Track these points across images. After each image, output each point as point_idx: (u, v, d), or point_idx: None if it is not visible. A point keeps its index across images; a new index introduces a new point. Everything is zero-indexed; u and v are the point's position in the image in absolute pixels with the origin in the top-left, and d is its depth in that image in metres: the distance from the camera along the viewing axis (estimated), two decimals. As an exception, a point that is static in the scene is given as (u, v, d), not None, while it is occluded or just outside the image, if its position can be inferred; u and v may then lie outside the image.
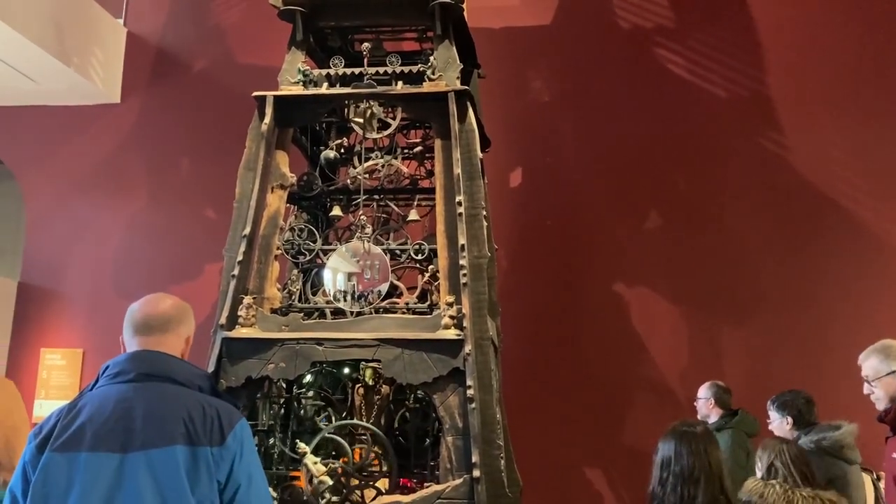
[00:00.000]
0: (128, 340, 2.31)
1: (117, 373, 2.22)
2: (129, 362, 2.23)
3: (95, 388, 2.24)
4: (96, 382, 2.26)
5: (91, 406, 2.16)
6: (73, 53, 7.35)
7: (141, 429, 2.10)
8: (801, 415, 4.21)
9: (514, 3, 7.41)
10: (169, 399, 2.17)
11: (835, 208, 6.70)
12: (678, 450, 2.87)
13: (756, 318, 6.66)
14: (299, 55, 5.11)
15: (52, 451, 2.09)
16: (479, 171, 4.79)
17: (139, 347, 2.29)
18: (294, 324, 4.59)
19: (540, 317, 6.81)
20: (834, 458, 4.02)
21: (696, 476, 2.80)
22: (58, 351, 7.46)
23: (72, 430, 2.11)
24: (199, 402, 2.18)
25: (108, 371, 2.25)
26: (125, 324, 2.33)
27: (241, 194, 4.89)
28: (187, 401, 2.17)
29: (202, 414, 2.15)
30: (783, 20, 7.03)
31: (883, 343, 3.48)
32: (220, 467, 2.11)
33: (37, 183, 7.94)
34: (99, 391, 2.22)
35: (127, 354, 2.26)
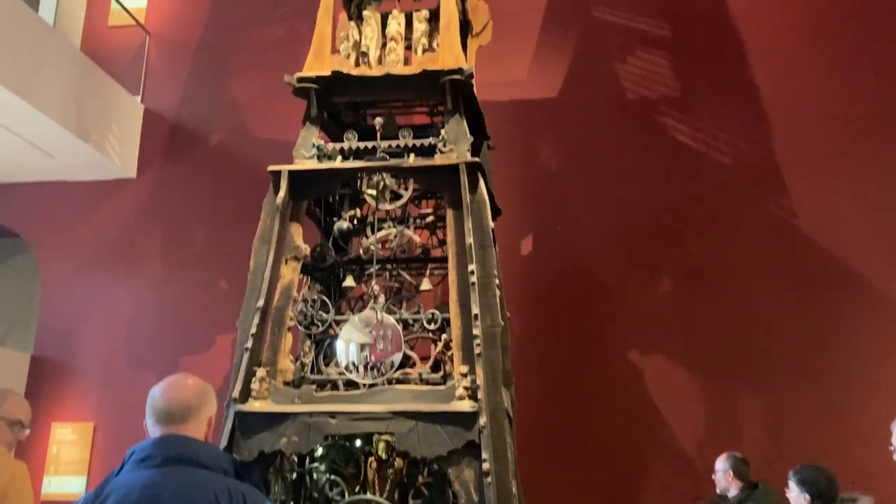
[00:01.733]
0: (151, 427, 2.31)
1: (143, 458, 2.21)
2: (155, 447, 2.22)
3: (121, 474, 2.23)
4: (122, 468, 2.24)
5: (118, 492, 2.14)
6: (91, 130, 7.53)
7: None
8: (821, 495, 4.10)
9: (522, 77, 7.58)
10: (196, 483, 2.16)
11: (847, 272, 6.68)
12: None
13: (773, 384, 6.58)
14: (314, 130, 5.22)
15: None
16: (490, 241, 4.84)
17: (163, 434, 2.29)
18: (307, 396, 4.57)
19: (554, 386, 6.74)
20: None
21: None
22: (69, 425, 7.40)
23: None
24: (225, 486, 2.17)
25: (133, 456, 2.24)
26: (147, 410, 2.33)
27: (255, 266, 4.94)
28: (214, 484, 2.16)
29: (228, 497, 2.13)
30: (787, 89, 7.15)
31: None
32: None
33: (52, 256, 8.03)
34: (125, 477, 2.20)
35: (152, 439, 2.26)
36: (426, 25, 5.48)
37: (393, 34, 5.42)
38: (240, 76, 8.20)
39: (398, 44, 5.41)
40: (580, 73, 7.52)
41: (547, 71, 7.55)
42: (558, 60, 7.55)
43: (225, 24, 8.37)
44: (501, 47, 6.66)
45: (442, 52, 5.25)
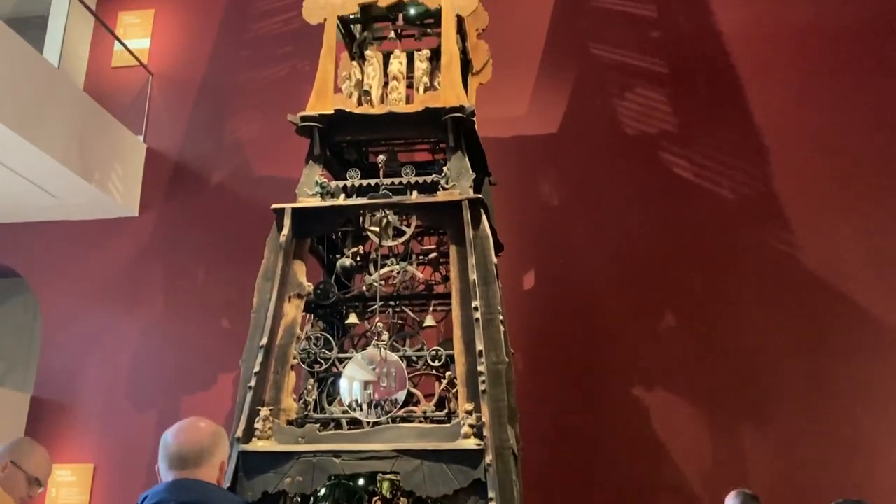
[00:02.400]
0: (163, 472, 2.30)
1: (157, 502, 2.19)
2: (168, 492, 2.21)
3: None
4: None
5: None
6: (94, 169, 7.58)
7: None
8: None
9: (522, 113, 7.65)
10: None
11: (849, 304, 6.67)
12: None
13: (778, 419, 6.53)
14: (317, 168, 5.26)
15: None
16: (494, 276, 4.84)
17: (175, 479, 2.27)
18: (311, 435, 4.53)
19: (558, 421, 6.69)
20: None
21: None
22: (68, 467, 7.31)
23: None
24: None
25: (146, 501, 2.22)
26: (160, 454, 2.32)
27: (258, 304, 4.94)
28: None
29: None
30: (786, 123, 7.21)
31: None
32: None
33: (53, 296, 8.02)
34: None
35: (165, 484, 2.25)
36: (427, 64, 5.55)
37: (395, 73, 5.48)
38: (242, 115, 8.28)
39: (400, 82, 5.47)
40: (579, 109, 7.60)
41: (547, 107, 7.63)
42: (558, 97, 7.63)
43: (227, 63, 8.47)
44: (502, 85, 6.74)
45: (443, 91, 5.31)
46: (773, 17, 7.49)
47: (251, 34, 8.54)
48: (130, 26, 8.84)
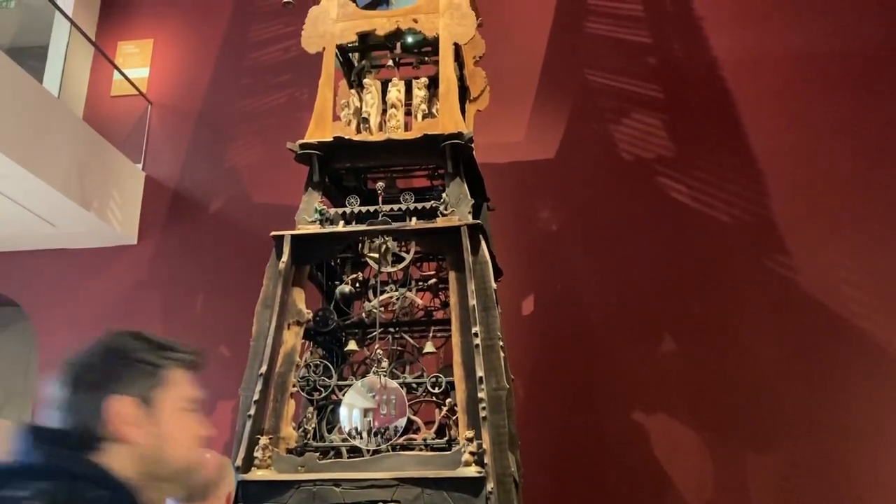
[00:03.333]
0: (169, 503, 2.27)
1: None
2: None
3: None
4: None
5: None
6: (93, 198, 7.59)
7: None
8: None
9: (520, 139, 7.70)
10: None
11: (849, 328, 6.66)
12: None
13: (780, 442, 6.49)
14: (316, 195, 5.27)
15: None
16: (493, 302, 4.84)
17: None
18: (310, 464, 4.50)
19: (559, 447, 6.65)
20: None
21: None
22: (65, 497, 7.23)
23: None
24: None
25: None
26: None
27: (257, 332, 4.92)
28: None
29: None
30: (782, 146, 7.25)
31: None
32: None
33: (51, 325, 7.99)
34: None
35: None
36: (425, 92, 5.59)
37: (393, 101, 5.52)
38: (241, 143, 8.32)
39: (398, 110, 5.51)
40: (576, 134, 7.65)
41: (544, 133, 7.67)
42: (555, 123, 7.68)
43: (226, 92, 8.53)
44: (499, 111, 6.79)
45: (442, 117, 5.34)
46: (766, 43, 7.57)
47: (250, 63, 8.60)
48: (129, 56, 8.91)
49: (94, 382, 1.55)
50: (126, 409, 1.53)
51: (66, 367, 1.61)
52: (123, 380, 1.56)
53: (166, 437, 1.56)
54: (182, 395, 1.63)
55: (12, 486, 1.39)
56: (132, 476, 1.50)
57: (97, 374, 1.57)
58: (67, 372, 1.59)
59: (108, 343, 1.63)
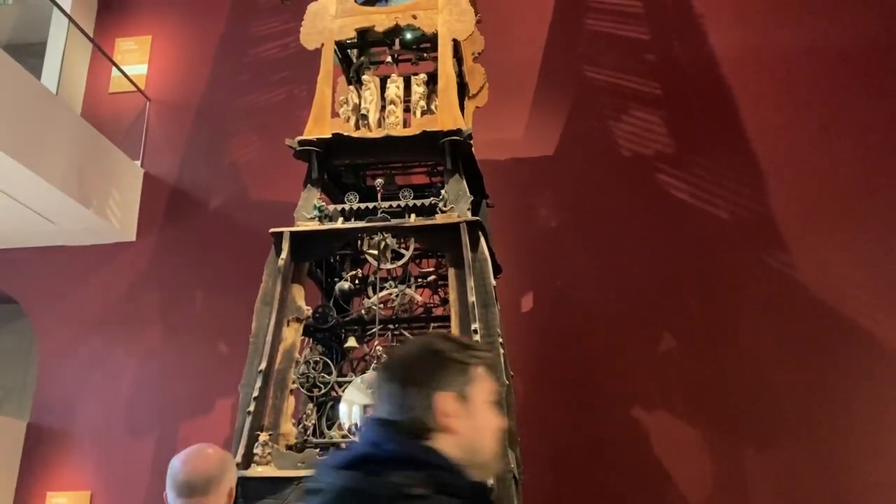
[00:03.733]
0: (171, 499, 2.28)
1: None
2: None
3: None
4: None
5: None
6: (92, 195, 7.59)
7: None
8: None
9: (518, 136, 7.69)
10: None
11: (849, 325, 6.66)
12: None
13: (780, 441, 6.50)
14: (315, 192, 5.27)
15: None
16: (493, 299, 4.84)
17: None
18: (310, 460, 4.50)
19: (558, 444, 6.65)
20: None
21: None
22: (64, 494, 7.24)
23: None
24: None
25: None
26: (168, 481, 2.30)
27: (257, 329, 4.92)
28: None
29: None
30: (783, 144, 7.24)
31: None
32: None
33: (50, 322, 7.98)
34: None
35: None
36: (424, 88, 5.58)
37: (392, 97, 5.51)
38: (240, 140, 8.31)
39: (397, 106, 5.50)
40: (575, 131, 7.64)
41: (543, 130, 7.67)
42: (554, 119, 7.68)
43: (225, 89, 8.51)
44: (498, 108, 6.78)
45: (440, 114, 5.33)
46: (765, 41, 7.57)
47: (248, 59, 8.59)
48: (128, 52, 8.89)
49: (422, 380, 1.73)
50: (449, 404, 1.70)
51: (391, 367, 1.81)
52: (445, 377, 1.74)
53: (479, 427, 1.73)
54: (487, 389, 1.79)
55: (386, 473, 1.56)
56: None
57: (423, 373, 1.75)
58: (394, 371, 1.78)
59: (424, 345, 1.84)
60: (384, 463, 1.60)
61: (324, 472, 1.66)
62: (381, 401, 1.75)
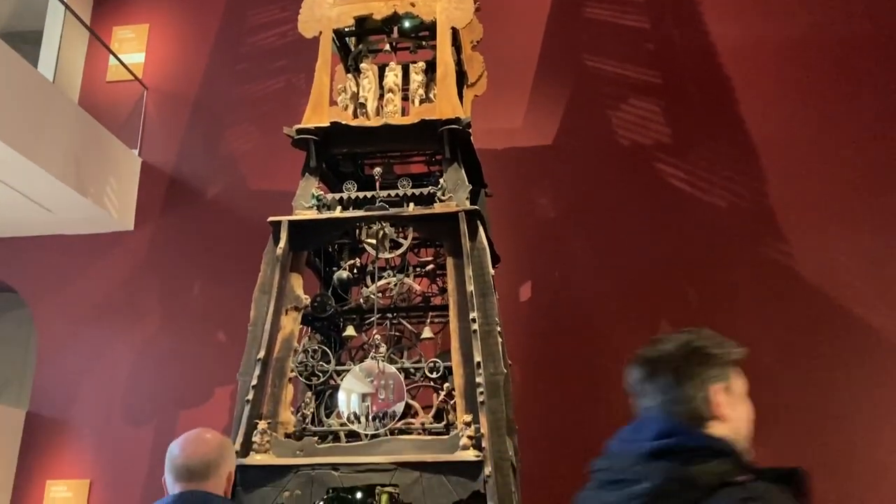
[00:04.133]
0: (170, 484, 2.29)
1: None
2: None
3: None
4: None
5: None
6: (89, 184, 7.57)
7: None
8: None
9: (517, 125, 7.68)
10: None
11: (845, 314, 6.68)
12: None
13: (775, 429, 6.49)
14: (313, 181, 5.26)
15: None
16: (491, 288, 4.84)
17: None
18: (309, 448, 4.52)
19: (556, 433, 6.67)
20: None
21: None
22: (64, 482, 7.26)
23: None
24: None
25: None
26: (167, 466, 2.30)
27: (255, 317, 4.93)
28: None
29: None
30: (781, 134, 7.24)
31: None
32: None
33: (48, 311, 7.98)
34: None
35: (172, 497, 2.24)
36: (423, 76, 5.56)
37: (390, 85, 5.49)
38: (238, 129, 8.29)
39: (396, 95, 5.48)
40: (574, 120, 7.63)
41: (542, 119, 7.66)
42: (553, 108, 7.66)
43: (223, 77, 8.49)
44: (497, 97, 6.77)
45: (439, 103, 5.32)
46: (764, 31, 7.55)
47: (246, 48, 8.56)
48: (125, 41, 8.85)
49: (694, 374, 1.85)
50: (720, 395, 1.84)
51: (656, 363, 1.92)
52: (713, 371, 1.87)
53: (741, 416, 1.87)
54: (742, 380, 1.92)
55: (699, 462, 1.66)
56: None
57: (693, 368, 1.86)
58: (662, 367, 1.90)
59: (685, 342, 1.92)
60: (693, 451, 1.71)
61: (624, 462, 1.76)
62: (651, 394, 1.89)
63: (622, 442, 1.88)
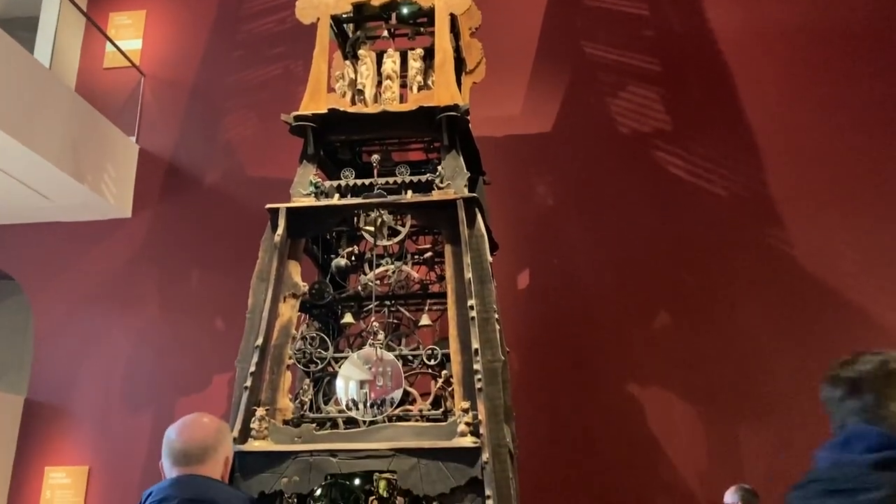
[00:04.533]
0: (167, 468, 2.28)
1: (161, 499, 2.19)
2: (172, 489, 2.20)
3: None
4: None
5: None
6: (87, 171, 7.55)
7: None
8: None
9: (516, 112, 7.66)
10: None
11: (843, 301, 6.70)
12: None
13: (774, 414, 6.55)
14: (311, 168, 5.24)
15: None
16: (489, 275, 4.84)
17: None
18: (307, 435, 4.52)
19: (554, 420, 6.70)
20: None
21: None
22: (62, 469, 7.29)
23: None
24: None
25: (150, 498, 2.22)
26: (164, 450, 2.30)
27: (253, 305, 4.92)
28: None
29: None
30: (779, 121, 7.24)
31: None
32: None
33: (46, 298, 7.98)
34: None
35: (169, 480, 2.24)
36: (421, 63, 5.54)
37: (388, 72, 5.47)
38: (235, 116, 8.26)
39: (394, 82, 5.46)
40: (573, 108, 7.61)
41: (540, 106, 7.64)
42: (551, 96, 7.64)
43: (220, 64, 8.45)
44: (495, 84, 6.74)
45: (437, 89, 5.30)
46: (764, 17, 7.52)
47: (244, 34, 8.52)
48: (122, 27, 8.81)
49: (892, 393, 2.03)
50: None
51: (859, 382, 2.10)
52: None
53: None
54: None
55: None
56: None
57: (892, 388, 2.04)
58: (865, 385, 2.08)
59: (883, 361, 2.11)
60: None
61: (849, 472, 1.91)
62: (853, 411, 2.10)
63: (834, 454, 2.05)
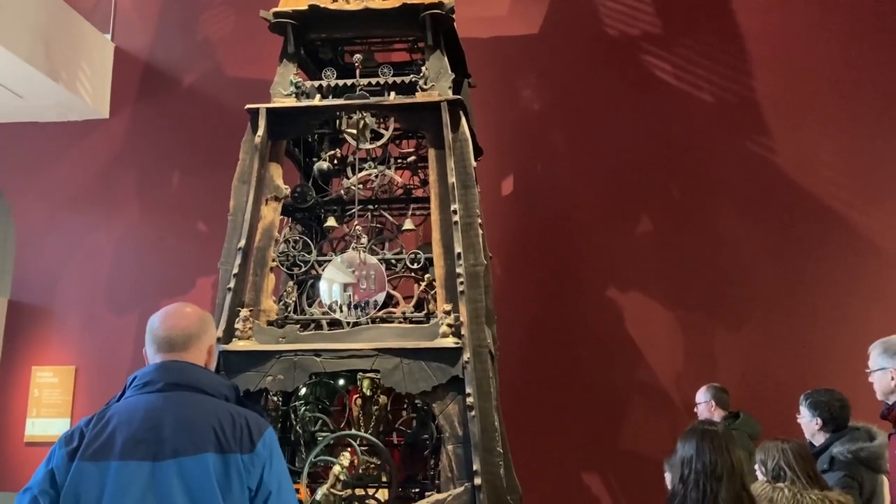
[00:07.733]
0: (151, 355, 2.32)
1: (145, 383, 2.23)
2: (157, 372, 2.24)
3: (123, 399, 2.24)
4: (123, 393, 2.26)
5: (120, 416, 2.16)
6: (60, 69, 7.33)
7: (171, 437, 2.10)
8: (833, 418, 4.12)
9: (503, 13, 7.45)
10: (198, 407, 2.18)
11: (824, 210, 6.75)
12: (700, 447, 2.85)
13: (749, 321, 6.70)
14: (291, 67, 5.12)
15: (82, 460, 2.08)
16: (473, 180, 4.83)
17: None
18: (291, 335, 4.59)
19: (535, 323, 6.83)
20: (871, 470, 3.92)
21: (718, 473, 2.79)
22: (49, 369, 7.39)
23: (102, 439, 2.11)
24: (227, 411, 2.19)
25: (135, 381, 2.26)
26: (147, 339, 2.33)
27: (235, 207, 4.90)
28: (216, 409, 2.18)
29: (231, 422, 2.15)
30: (768, 26, 7.10)
31: (889, 339, 3.50)
32: (251, 474, 2.12)
33: (26, 200, 7.89)
34: (127, 401, 2.22)
35: (154, 365, 2.27)
36: (405, -42, 5.32)
37: (371, -33, 5.27)
38: (214, 12, 7.97)
39: (376, -23, 5.27)
40: (561, 9, 7.40)
41: (528, 7, 7.43)
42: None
43: (196, -43, 8.09)
44: (482, -18, 6.53)
45: (421, -14, 5.12)
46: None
47: (221, -75, 8.13)
48: (92, -85, 8.36)
49: None
50: None
51: None
52: None
53: None
54: None
55: None
56: None
57: None
58: None
59: None
60: None
61: None
62: None
63: None
